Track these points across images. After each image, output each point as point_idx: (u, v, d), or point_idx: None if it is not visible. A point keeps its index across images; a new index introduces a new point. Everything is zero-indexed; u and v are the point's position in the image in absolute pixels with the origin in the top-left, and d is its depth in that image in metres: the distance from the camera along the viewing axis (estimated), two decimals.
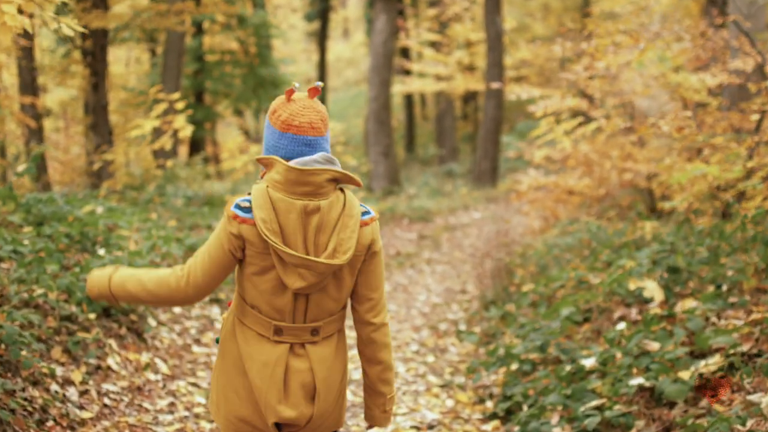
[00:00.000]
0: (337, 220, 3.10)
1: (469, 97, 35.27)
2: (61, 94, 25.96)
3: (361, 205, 3.19)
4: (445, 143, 30.90)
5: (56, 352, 5.76)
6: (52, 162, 20.27)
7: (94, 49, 13.82)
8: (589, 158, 13.02)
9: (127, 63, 31.58)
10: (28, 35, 15.92)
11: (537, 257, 10.57)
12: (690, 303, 6.02)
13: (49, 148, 17.25)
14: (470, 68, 29.95)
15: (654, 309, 6.27)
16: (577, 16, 30.57)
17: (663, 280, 6.53)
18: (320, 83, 3.24)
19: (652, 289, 6.27)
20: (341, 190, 3.18)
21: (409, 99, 35.00)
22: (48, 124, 25.67)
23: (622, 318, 6.55)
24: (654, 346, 5.25)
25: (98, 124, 14.05)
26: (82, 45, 14.23)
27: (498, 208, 20.80)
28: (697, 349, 5.17)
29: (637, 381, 4.97)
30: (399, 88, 28.78)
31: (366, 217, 3.18)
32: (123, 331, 6.72)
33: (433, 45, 30.50)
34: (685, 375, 4.82)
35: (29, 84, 16.55)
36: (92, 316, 6.32)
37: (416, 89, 29.23)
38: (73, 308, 6.25)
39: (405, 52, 33.13)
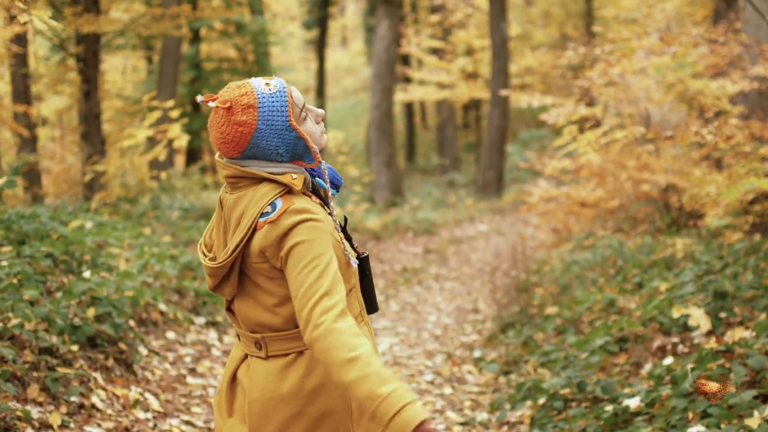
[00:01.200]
0: (240, 217, 2.81)
1: (471, 105, 34.72)
2: (57, 102, 25.43)
3: (273, 204, 2.76)
4: (447, 153, 30.33)
5: (33, 390, 5.10)
6: (46, 172, 19.71)
7: (86, 55, 13.20)
8: (603, 169, 12.42)
9: (123, 71, 31.07)
10: (20, 42, 15.36)
11: (555, 275, 9.93)
12: (741, 333, 5.39)
13: (39, 158, 16.66)
14: (473, 76, 29.36)
15: (700, 339, 5.64)
16: (580, 23, 30.05)
17: (708, 305, 5.88)
18: (200, 97, 2.83)
19: (699, 317, 5.63)
20: (272, 182, 2.82)
21: (409, 108, 34.46)
22: (44, 133, 25.10)
23: (662, 348, 5.92)
24: (712, 386, 4.60)
25: (90, 134, 13.42)
26: (76, 53, 13.61)
27: (504, 219, 20.18)
28: (764, 391, 4.53)
29: (696, 429, 4.32)
30: (401, 96, 28.19)
31: (261, 219, 2.76)
32: (110, 362, 6.07)
33: (435, 52, 29.91)
34: (752, 423, 4.18)
35: (22, 92, 16.01)
36: (75, 347, 5.67)
37: (418, 97, 28.64)
38: (54, 339, 5.60)
39: (405, 60, 32.57)
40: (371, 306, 3.07)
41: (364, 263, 3.04)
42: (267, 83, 2.85)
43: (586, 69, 13.39)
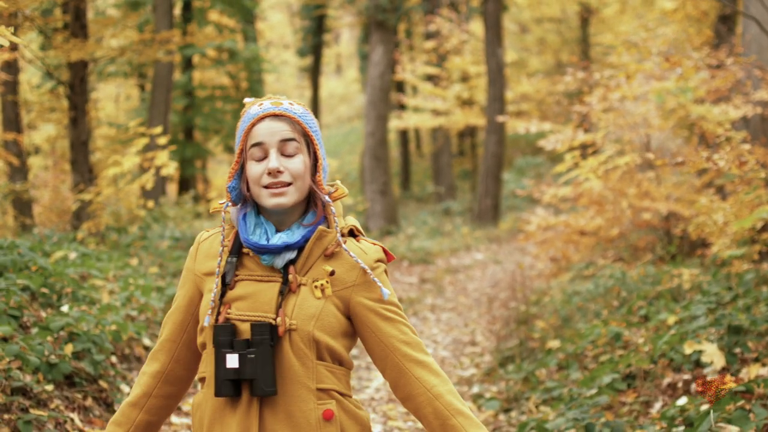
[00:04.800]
0: None
1: (466, 133, 34.51)
2: (49, 131, 25.18)
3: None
4: (443, 180, 30.07)
5: None
6: (36, 202, 19.41)
7: (74, 82, 12.90)
8: (603, 196, 12.13)
9: (116, 99, 30.85)
10: (11, 69, 15.10)
11: (556, 306, 9.60)
12: (758, 370, 5.07)
13: (28, 187, 16.36)
14: (469, 103, 29.14)
15: (713, 377, 5.31)
16: (576, 49, 29.88)
17: (721, 340, 5.56)
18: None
19: (712, 353, 5.31)
20: None
21: (404, 135, 34.24)
22: (36, 162, 24.84)
23: (672, 386, 5.59)
24: (731, 430, 4.27)
25: (78, 161, 13.08)
26: (66, 81, 13.33)
27: (501, 248, 19.88)
28: None
29: None
30: (395, 123, 27.94)
31: None
32: (88, 402, 5.72)
33: (430, 79, 29.70)
34: None
35: (13, 120, 15.73)
36: (50, 387, 5.33)
37: (413, 124, 28.39)
38: (28, 378, 5.27)
39: (400, 87, 32.38)
40: (223, 387, 2.63)
41: (221, 333, 2.62)
42: (260, 104, 2.74)
43: (585, 95, 13.14)
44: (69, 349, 5.70)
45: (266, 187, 2.64)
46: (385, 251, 2.79)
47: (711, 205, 8.34)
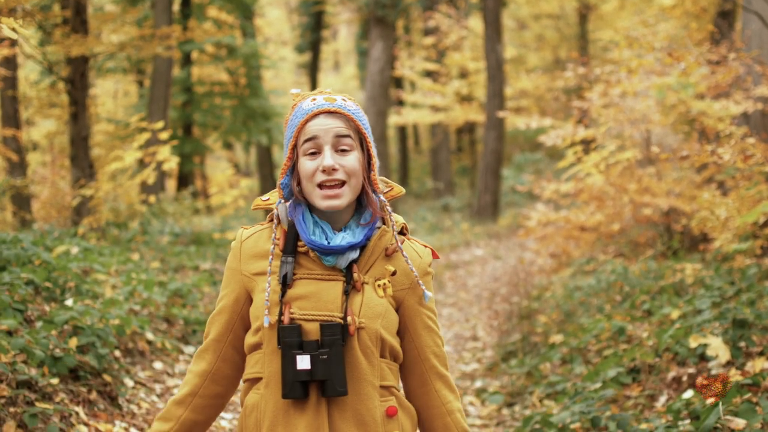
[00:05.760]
0: None
1: (465, 129, 34.50)
2: (48, 126, 25.14)
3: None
4: (441, 176, 30.07)
5: (9, 427, 4.75)
6: (35, 197, 19.39)
7: (74, 77, 12.88)
8: (604, 192, 12.12)
9: (114, 95, 30.81)
10: (10, 65, 15.07)
11: (558, 301, 9.59)
12: (762, 363, 5.07)
13: (28, 183, 16.34)
14: (468, 99, 29.12)
15: (718, 370, 5.32)
16: (574, 46, 29.87)
17: (726, 334, 5.56)
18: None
19: (717, 346, 5.30)
20: None
21: (402, 131, 34.22)
22: (35, 158, 24.79)
23: (677, 379, 5.59)
24: (738, 423, 4.27)
25: (78, 157, 13.07)
26: (66, 76, 13.30)
27: (500, 244, 19.88)
28: None
29: None
30: (394, 119, 27.93)
31: None
32: (93, 395, 5.72)
33: (429, 75, 29.68)
34: None
35: (12, 116, 15.71)
36: (55, 380, 5.33)
37: (412, 120, 28.37)
38: (33, 371, 5.26)
39: (398, 83, 32.34)
40: (292, 389, 2.60)
41: (288, 335, 2.59)
42: (313, 98, 2.68)
43: (585, 90, 13.13)
44: (73, 342, 5.70)
45: (320, 186, 2.60)
46: (432, 252, 2.79)
47: (713, 199, 8.33)
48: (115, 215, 12.72)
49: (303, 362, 2.55)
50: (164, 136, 11.81)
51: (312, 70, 33.48)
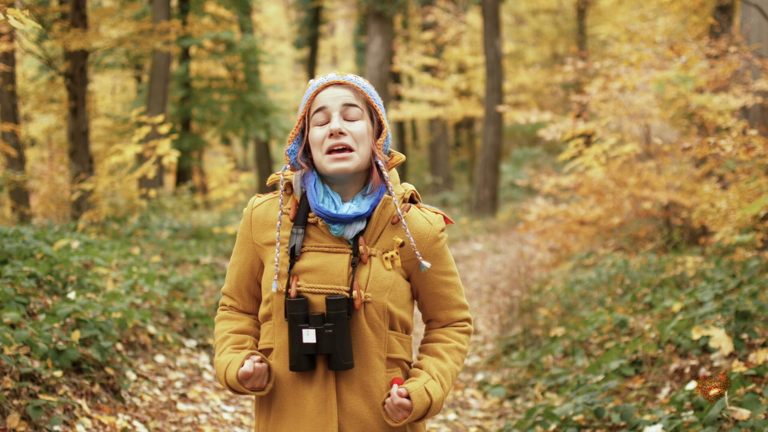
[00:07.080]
0: None
1: (463, 124, 34.48)
2: (46, 122, 25.09)
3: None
4: (440, 171, 30.05)
5: (13, 419, 4.76)
6: (34, 192, 19.37)
7: (73, 72, 12.87)
8: (603, 186, 12.12)
9: (112, 91, 30.76)
10: (8, 60, 15.06)
11: (558, 294, 9.59)
12: (765, 355, 5.07)
13: (26, 178, 16.32)
14: (466, 93, 29.09)
15: (720, 362, 5.32)
16: (572, 41, 29.85)
17: (729, 326, 5.56)
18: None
19: (720, 338, 5.31)
20: None
21: (400, 126, 34.19)
22: (33, 153, 24.76)
23: (679, 371, 5.59)
24: (742, 413, 4.28)
25: (77, 152, 13.07)
26: (66, 71, 13.29)
27: (500, 238, 19.87)
28: None
29: None
30: (392, 114, 27.90)
31: None
32: (96, 388, 5.72)
33: (427, 69, 29.64)
34: None
35: (10, 111, 15.69)
36: (58, 373, 5.32)
37: (411, 115, 28.34)
38: (36, 364, 5.26)
39: (396, 77, 32.31)
40: (301, 361, 2.65)
41: (294, 308, 2.62)
42: (325, 75, 2.79)
43: (584, 85, 13.12)
44: (76, 335, 5.70)
45: (329, 152, 2.64)
46: (445, 218, 2.82)
47: (714, 193, 8.34)
48: (114, 210, 12.72)
49: (309, 336, 2.58)
50: (164, 130, 11.80)
51: (310, 66, 33.43)
